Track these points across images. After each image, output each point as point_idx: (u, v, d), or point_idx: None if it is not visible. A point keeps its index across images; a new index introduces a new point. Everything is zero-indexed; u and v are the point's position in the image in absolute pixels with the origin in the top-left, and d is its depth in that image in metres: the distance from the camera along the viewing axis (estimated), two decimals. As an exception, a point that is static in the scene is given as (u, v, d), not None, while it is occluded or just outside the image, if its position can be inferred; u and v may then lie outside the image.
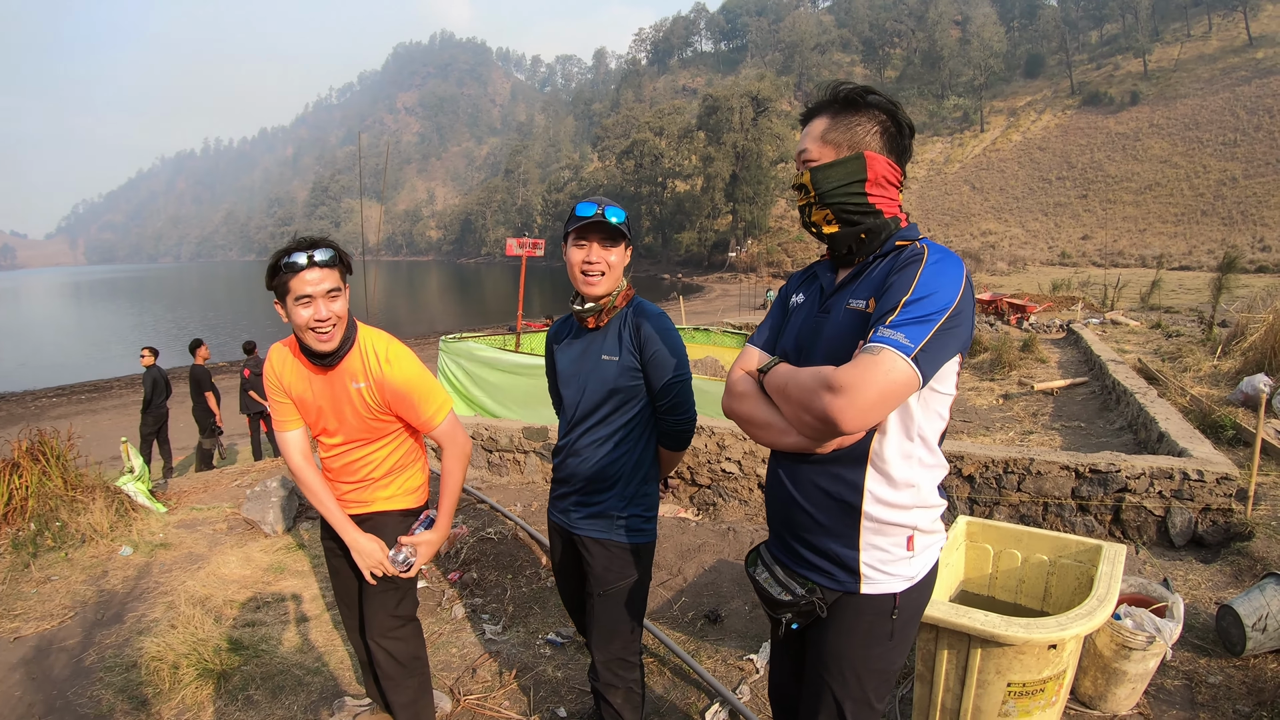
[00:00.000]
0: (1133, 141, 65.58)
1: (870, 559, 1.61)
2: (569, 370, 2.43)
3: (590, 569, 2.40)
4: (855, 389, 1.38)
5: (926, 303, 1.43)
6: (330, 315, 2.27)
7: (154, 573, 4.92)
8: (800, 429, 1.54)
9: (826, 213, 1.63)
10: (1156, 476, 4.39)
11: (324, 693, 3.38)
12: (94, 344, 37.46)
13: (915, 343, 1.39)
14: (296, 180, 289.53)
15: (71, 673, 3.70)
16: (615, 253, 2.30)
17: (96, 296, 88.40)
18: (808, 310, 1.74)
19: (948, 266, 1.49)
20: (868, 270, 1.62)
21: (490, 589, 4.41)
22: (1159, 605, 2.80)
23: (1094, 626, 2.11)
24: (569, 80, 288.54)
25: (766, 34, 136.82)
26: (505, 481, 6.38)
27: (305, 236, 2.34)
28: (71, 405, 20.11)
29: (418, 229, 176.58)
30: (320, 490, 2.54)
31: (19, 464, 5.48)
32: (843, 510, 1.61)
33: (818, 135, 1.62)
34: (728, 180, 68.82)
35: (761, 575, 1.79)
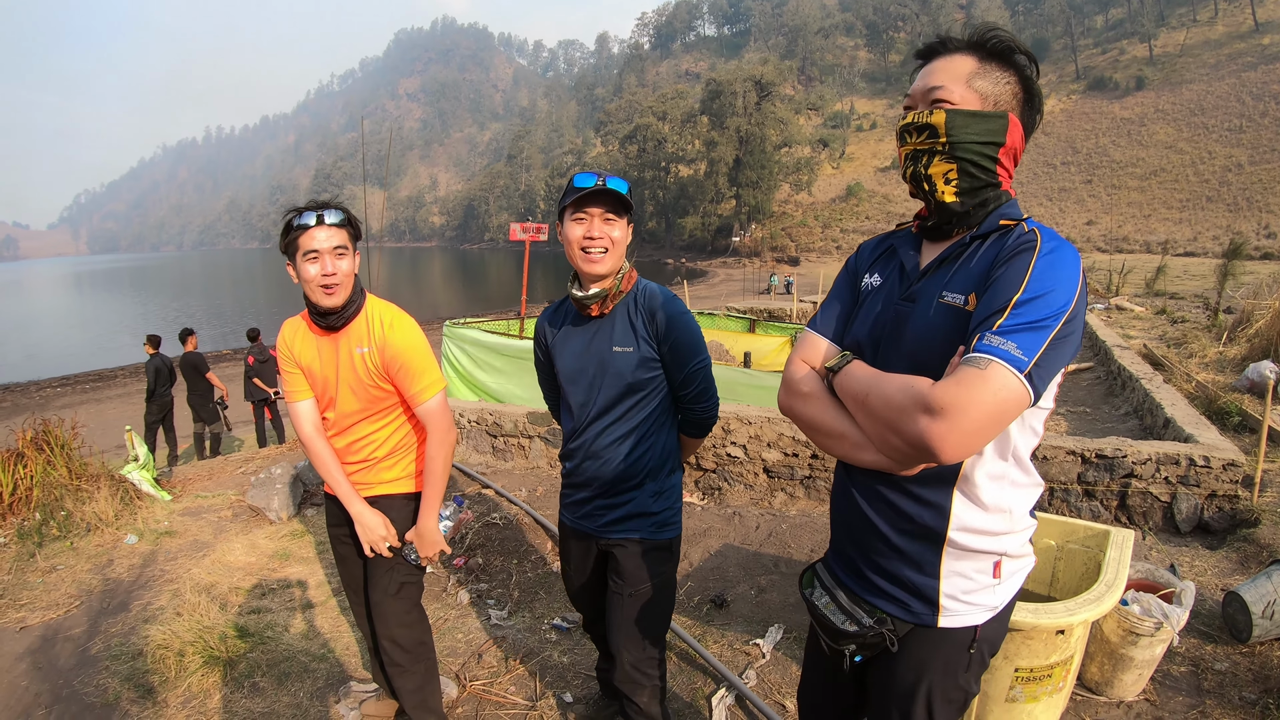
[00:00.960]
0: (1138, 127, 65.19)
1: (952, 589, 1.42)
2: (574, 366, 2.24)
3: (620, 570, 2.25)
4: (959, 412, 1.17)
5: (1041, 304, 1.20)
6: (336, 270, 2.32)
7: (159, 561, 4.93)
8: (883, 449, 1.32)
9: (952, 168, 1.38)
10: (1163, 462, 4.37)
11: (330, 679, 3.38)
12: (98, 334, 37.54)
13: (1030, 355, 1.17)
14: (299, 167, 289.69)
15: (77, 662, 3.71)
16: (618, 227, 2.11)
17: (100, 287, 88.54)
18: (887, 296, 1.50)
19: (1064, 258, 1.26)
20: (965, 254, 1.39)
21: (496, 574, 4.42)
22: (1167, 591, 2.80)
23: (1102, 612, 2.11)
24: (571, 65, 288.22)
25: (770, 18, 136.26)
26: (510, 466, 6.38)
27: (316, 199, 2.44)
28: (76, 395, 20.17)
29: (421, 215, 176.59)
30: (329, 460, 2.55)
31: (24, 454, 5.50)
32: (924, 536, 1.41)
33: (963, 76, 1.37)
34: (731, 165, 68.32)
35: (821, 600, 1.58)
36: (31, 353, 31.41)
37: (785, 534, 4.68)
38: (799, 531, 4.74)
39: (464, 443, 6.84)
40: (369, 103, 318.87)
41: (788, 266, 53.86)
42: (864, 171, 79.14)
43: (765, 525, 4.83)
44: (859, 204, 70.14)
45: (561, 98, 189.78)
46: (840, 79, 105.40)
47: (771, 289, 34.73)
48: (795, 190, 71.95)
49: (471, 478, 6.00)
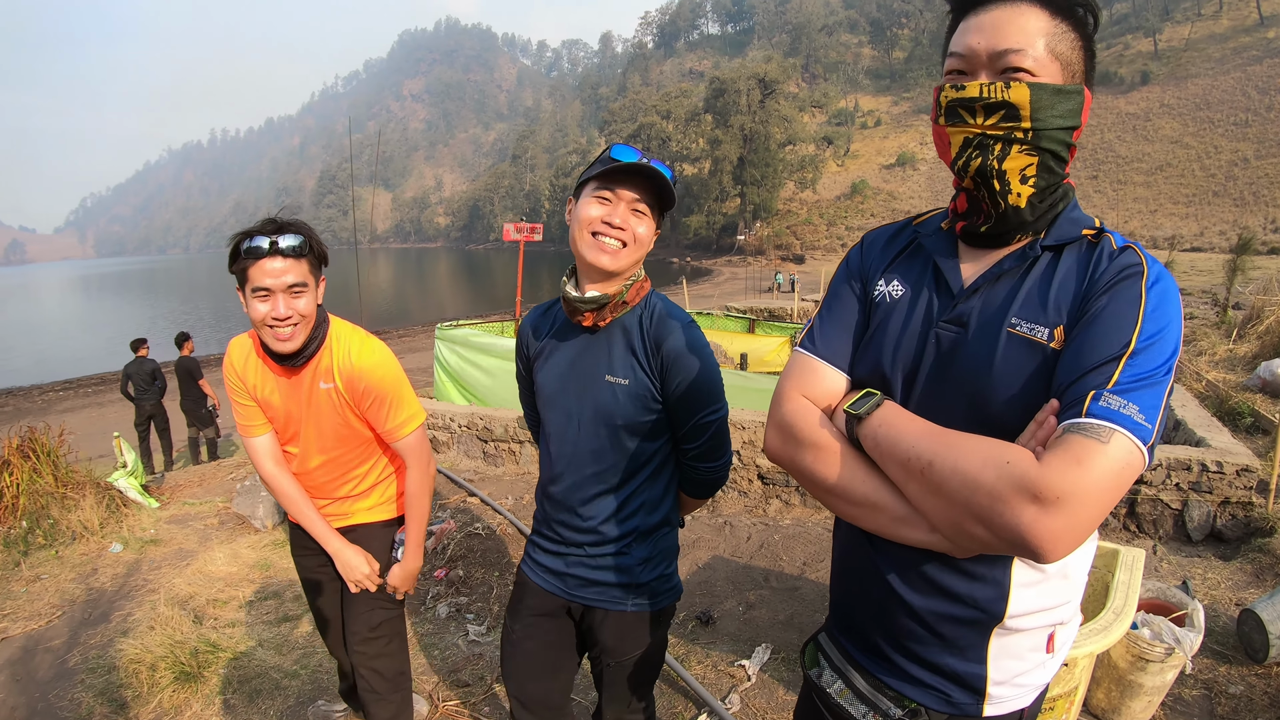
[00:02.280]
0: (1143, 122, 64.79)
1: (1001, 674, 1.13)
2: (554, 388, 1.79)
3: (598, 640, 1.83)
4: (1080, 501, 0.88)
5: (1156, 351, 0.94)
6: (291, 313, 1.96)
7: (143, 570, 4.86)
8: (953, 536, 1.00)
9: (1033, 162, 1.05)
10: (1174, 468, 4.22)
11: (301, 697, 3.28)
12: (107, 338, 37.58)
13: (1153, 419, 0.91)
14: (304, 169, 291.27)
15: (55, 674, 3.65)
16: (646, 223, 1.68)
17: (107, 290, 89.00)
18: (921, 315, 1.15)
19: (1170, 289, 0.99)
20: (1033, 268, 1.08)
21: (476, 587, 4.29)
22: (1179, 614, 2.64)
23: (1109, 643, 1.95)
24: (575, 65, 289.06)
25: (773, 16, 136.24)
26: (500, 472, 6.27)
27: (273, 218, 2.01)
28: (79, 399, 20.14)
29: (426, 216, 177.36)
30: (298, 498, 2.27)
31: (9, 461, 5.46)
32: (975, 620, 1.11)
33: (1038, 35, 1.03)
34: (735, 163, 68.20)
35: (832, 685, 1.27)
36: (40, 357, 31.49)
37: (777, 545, 4.55)
38: (791, 543, 4.60)
39: (454, 448, 6.73)
40: (374, 104, 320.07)
41: (793, 265, 53.77)
42: (869, 169, 78.95)
43: (757, 535, 4.70)
44: (864, 201, 69.96)
45: (566, 97, 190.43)
46: (844, 76, 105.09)
47: (777, 287, 34.63)
48: (800, 188, 71.86)
49: (458, 485, 5.88)
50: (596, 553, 1.77)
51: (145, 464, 9.92)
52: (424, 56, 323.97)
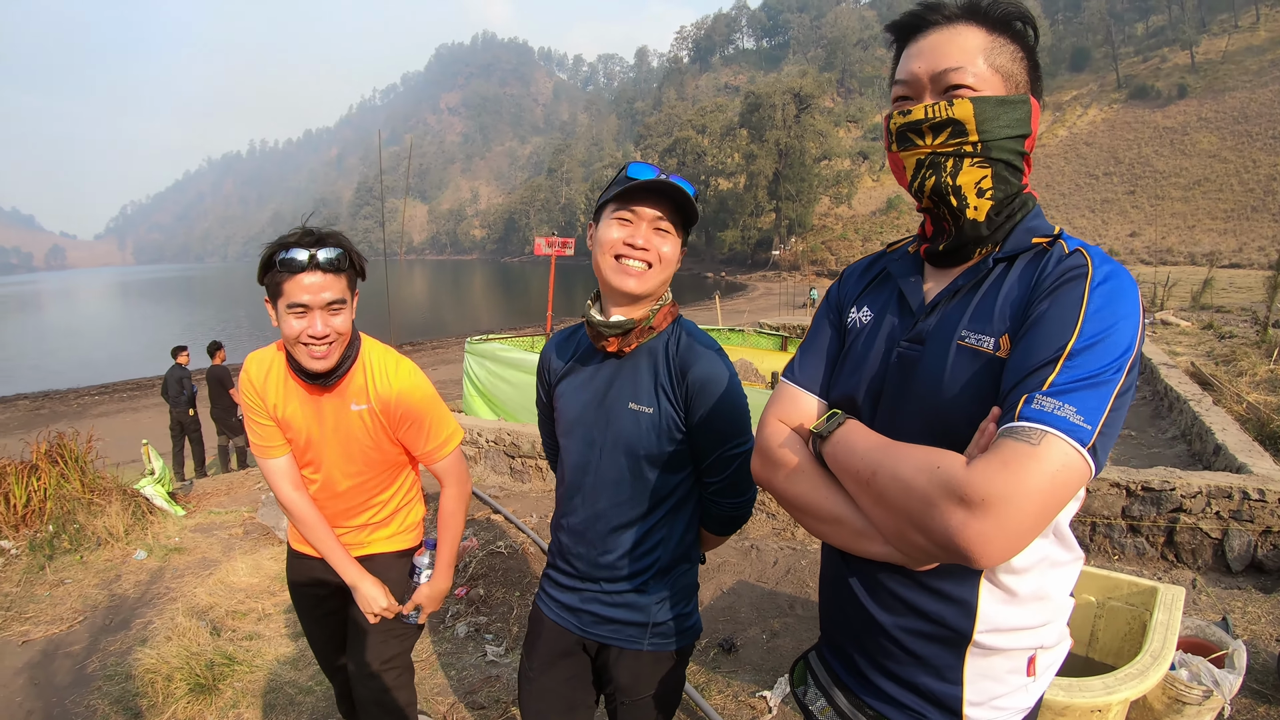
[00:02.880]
0: (1181, 136, 63.58)
1: (978, 696, 1.12)
2: (575, 415, 1.72)
3: (613, 678, 1.74)
4: (1006, 504, 0.88)
5: (1101, 350, 0.92)
6: (329, 331, 1.87)
7: (166, 578, 4.88)
8: (899, 545, 1.02)
9: (986, 174, 1.07)
10: (1214, 495, 4.06)
11: (315, 713, 3.26)
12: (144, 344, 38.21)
13: (1094, 421, 0.90)
14: (341, 180, 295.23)
15: (73, 680, 3.68)
16: (670, 242, 1.61)
17: (145, 296, 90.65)
18: (885, 337, 1.18)
19: (1123, 287, 0.98)
20: (984, 282, 1.10)
21: (496, 607, 4.24)
22: (1218, 654, 2.52)
23: (1146, 689, 1.85)
24: (611, 79, 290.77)
25: (808, 30, 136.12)
26: (527, 489, 6.23)
27: (310, 229, 1.91)
28: (114, 403, 20.52)
29: (462, 228, 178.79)
30: (318, 524, 2.14)
31: (38, 466, 5.54)
32: (946, 639, 1.11)
33: (977, 51, 1.06)
34: (770, 178, 68.10)
35: (816, 703, 1.29)
36: (79, 361, 32.09)
37: (804, 571, 4.44)
38: (819, 569, 4.48)
39: (481, 462, 6.71)
40: (411, 117, 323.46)
41: (827, 280, 53.45)
42: (902, 183, 78.39)
43: (784, 561, 4.59)
44: (899, 216, 69.37)
45: (601, 111, 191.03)
46: (879, 90, 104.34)
47: (811, 303, 34.45)
48: (835, 203, 71.53)
49: (483, 501, 5.85)
50: (613, 589, 1.69)
51: (177, 470, 10.08)
52: (461, 70, 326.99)
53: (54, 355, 35.76)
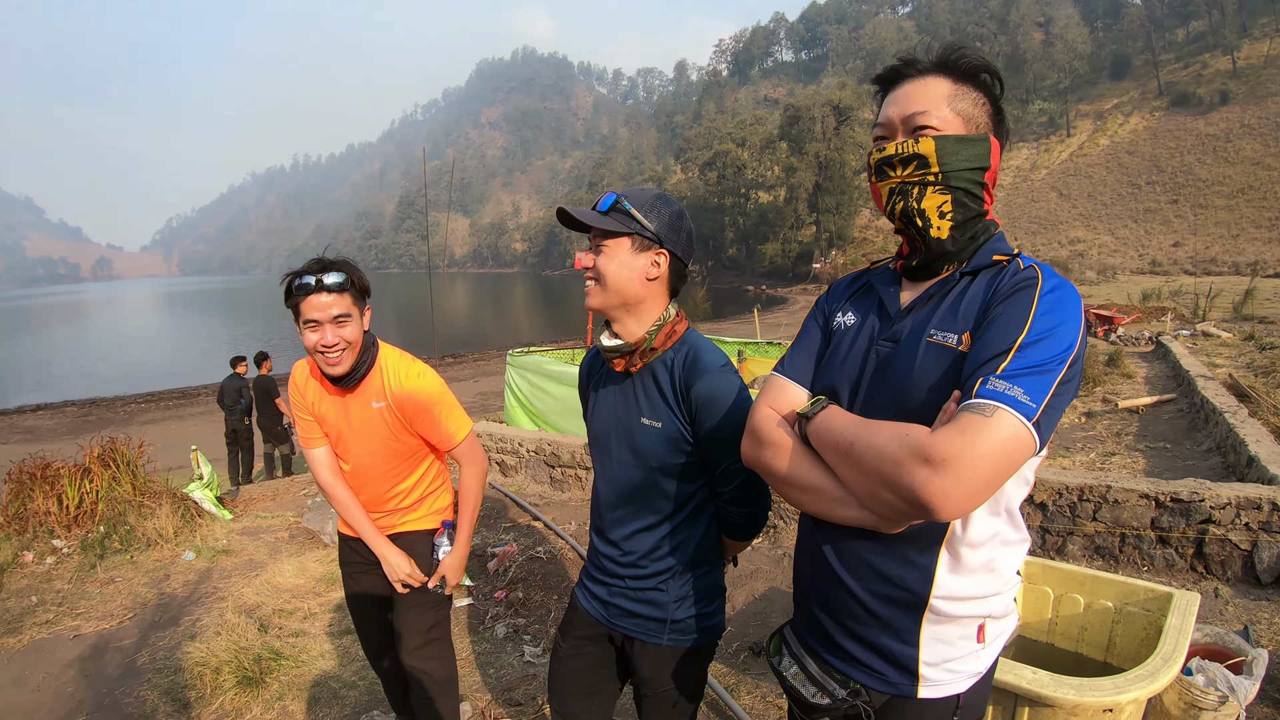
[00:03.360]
0: (1224, 143, 62.03)
1: (932, 657, 1.29)
2: (601, 426, 1.88)
3: (636, 670, 1.87)
4: (961, 464, 1.04)
5: (1046, 345, 1.11)
6: (337, 340, 2.22)
7: (214, 578, 5.06)
8: (872, 505, 1.18)
9: (946, 200, 1.28)
10: (1243, 506, 4.05)
11: (358, 707, 3.39)
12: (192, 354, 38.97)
13: (1037, 401, 1.07)
14: (384, 194, 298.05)
15: (123, 672, 3.84)
16: (610, 252, 1.70)
17: (191, 307, 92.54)
18: (865, 337, 1.37)
19: (1067, 297, 1.17)
20: (952, 290, 1.29)
21: (535, 609, 4.35)
22: (1236, 660, 2.55)
23: (1156, 690, 1.90)
24: (651, 93, 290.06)
25: (847, 42, 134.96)
26: (566, 498, 6.36)
27: (320, 258, 2.28)
28: (159, 411, 21.06)
29: (503, 241, 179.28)
30: (351, 503, 2.51)
31: (90, 469, 5.75)
32: (904, 602, 1.28)
33: (942, 99, 1.27)
34: (811, 191, 67.84)
35: (789, 669, 1.43)
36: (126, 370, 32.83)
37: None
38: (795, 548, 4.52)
39: (522, 472, 6.86)
40: (452, 131, 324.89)
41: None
42: (940, 194, 77.50)
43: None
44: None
45: (641, 125, 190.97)
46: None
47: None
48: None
49: (523, 508, 5.98)
50: (636, 586, 1.82)
51: (231, 476, 10.39)
52: (501, 85, 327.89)
53: (102, 363, 36.68)
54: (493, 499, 6.33)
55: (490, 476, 6.96)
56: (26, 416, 21.26)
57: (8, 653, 4.05)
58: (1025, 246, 59.69)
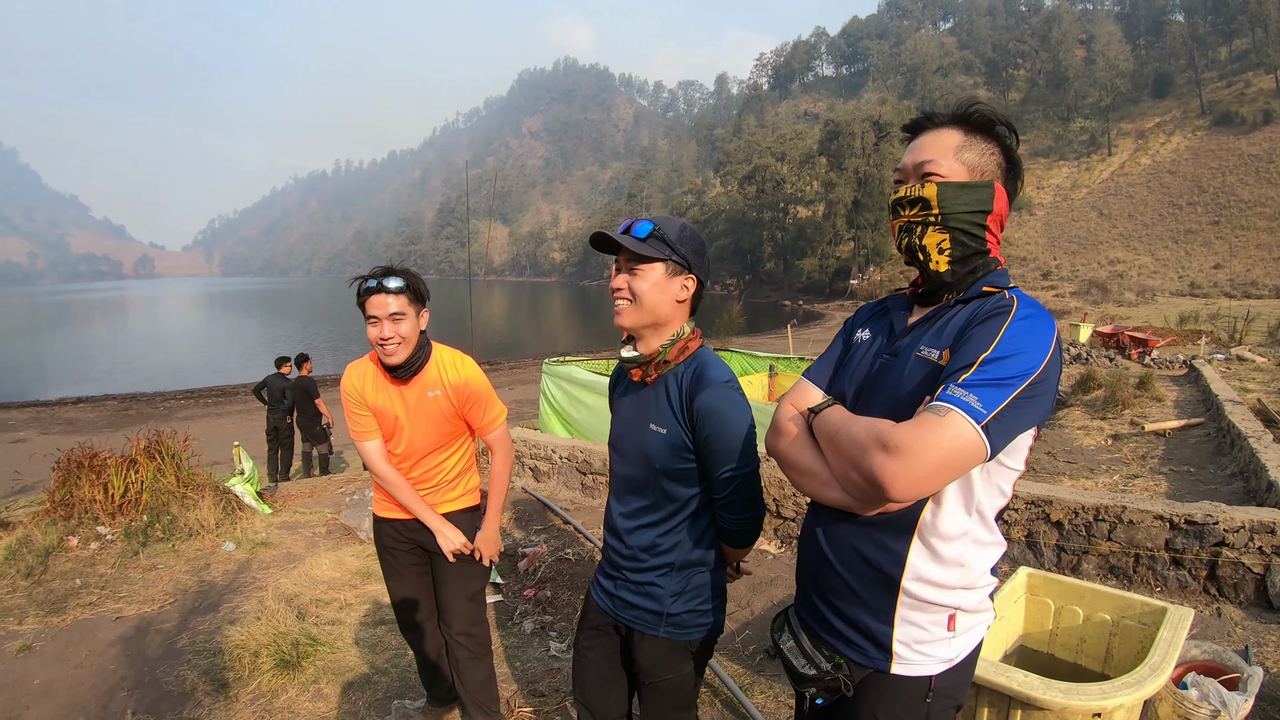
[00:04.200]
0: (1266, 164, 60.67)
1: (905, 636, 1.45)
2: (620, 429, 2.06)
3: (635, 660, 2.03)
4: (912, 453, 1.23)
5: (1008, 364, 1.27)
6: (393, 334, 2.56)
7: (253, 568, 5.25)
8: (844, 485, 1.39)
9: (945, 238, 1.46)
10: (1257, 530, 4.09)
11: (389, 692, 3.55)
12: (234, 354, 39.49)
13: (989, 409, 1.23)
14: (424, 201, 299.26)
15: (163, 653, 4.03)
16: (647, 278, 1.85)
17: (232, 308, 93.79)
18: (874, 350, 1.56)
19: (1037, 324, 1.32)
20: (945, 315, 1.46)
21: (562, 608, 4.51)
22: (1231, 676, 2.63)
23: (1142, 697, 2.00)
24: (691, 105, 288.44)
25: (888, 57, 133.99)
26: (596, 504, 6.51)
27: (386, 265, 2.66)
28: (198, 408, 21.48)
29: (541, 251, 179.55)
30: (404, 485, 2.82)
31: (136, 460, 5.97)
32: (879, 581, 1.45)
33: (950, 150, 1.45)
34: (849, 206, 67.46)
35: (787, 644, 1.61)
36: (169, 366, 33.36)
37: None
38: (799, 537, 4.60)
39: (554, 478, 7.03)
40: (493, 140, 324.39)
41: (901, 310, 52.45)
42: (979, 212, 76.59)
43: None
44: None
45: (681, 138, 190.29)
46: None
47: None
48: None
49: (554, 512, 6.14)
50: (636, 579, 1.98)
51: (269, 472, 10.68)
52: (543, 95, 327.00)
53: (142, 359, 37.32)
54: (525, 502, 6.49)
55: (523, 481, 7.14)
56: (68, 408, 21.80)
57: (51, 630, 4.26)
58: (1065, 266, 59.26)
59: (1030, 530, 4.65)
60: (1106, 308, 39.00)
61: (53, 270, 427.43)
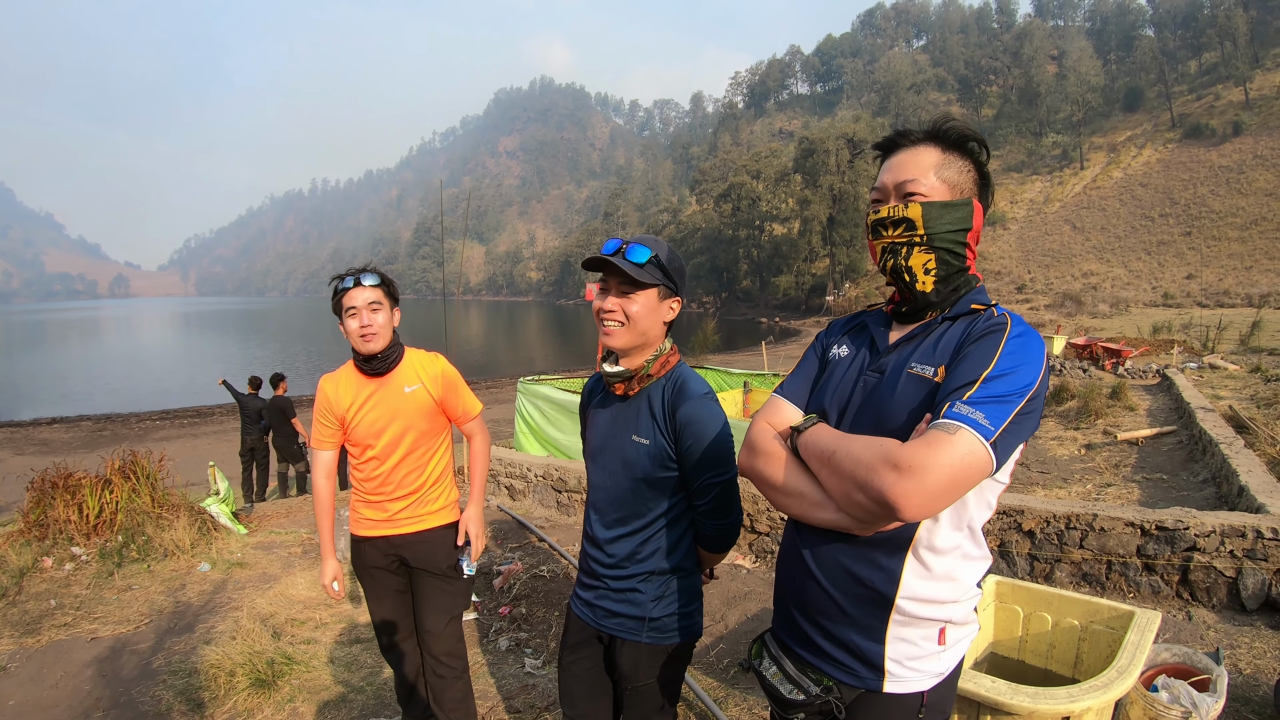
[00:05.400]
0: (1237, 175, 61.90)
1: (896, 654, 1.42)
2: (597, 443, 2.09)
3: (617, 666, 2.05)
4: (926, 471, 1.20)
5: (1008, 380, 1.28)
6: (372, 322, 2.68)
7: (228, 589, 5.21)
8: (847, 507, 1.34)
9: (930, 258, 1.44)
10: (1227, 535, 4.16)
11: (364, 710, 3.52)
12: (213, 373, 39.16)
13: (995, 425, 1.23)
14: (400, 221, 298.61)
15: (139, 674, 3.98)
16: (639, 301, 1.89)
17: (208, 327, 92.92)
18: (857, 367, 1.53)
19: (1031, 342, 1.34)
20: (933, 332, 1.45)
21: (537, 624, 4.50)
22: (1201, 678, 2.66)
23: (1110, 699, 2.02)
24: (667, 124, 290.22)
25: (862, 75, 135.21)
26: (571, 521, 6.50)
27: (357, 266, 2.82)
28: (174, 429, 21.26)
29: (518, 270, 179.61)
30: (327, 506, 2.92)
31: (111, 480, 5.92)
32: (872, 601, 1.41)
33: (930, 168, 1.44)
34: (825, 223, 68.24)
35: (769, 670, 1.56)
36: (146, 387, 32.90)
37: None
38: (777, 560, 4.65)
39: (530, 496, 7.01)
40: (470, 159, 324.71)
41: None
42: (953, 225, 77.46)
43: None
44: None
45: (657, 156, 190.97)
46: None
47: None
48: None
49: (530, 530, 6.13)
50: (618, 586, 2.01)
51: (245, 492, 10.57)
52: (519, 115, 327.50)
53: (117, 379, 36.94)
54: (500, 521, 6.48)
55: (499, 500, 7.13)
56: (42, 429, 21.52)
57: (26, 651, 4.21)
58: (1039, 279, 59.91)
59: (1002, 540, 4.70)
60: (1081, 320, 39.50)
61: (27, 289, 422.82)
